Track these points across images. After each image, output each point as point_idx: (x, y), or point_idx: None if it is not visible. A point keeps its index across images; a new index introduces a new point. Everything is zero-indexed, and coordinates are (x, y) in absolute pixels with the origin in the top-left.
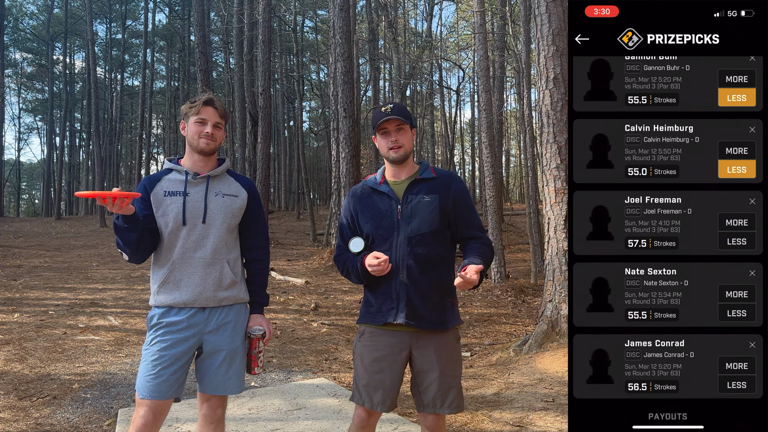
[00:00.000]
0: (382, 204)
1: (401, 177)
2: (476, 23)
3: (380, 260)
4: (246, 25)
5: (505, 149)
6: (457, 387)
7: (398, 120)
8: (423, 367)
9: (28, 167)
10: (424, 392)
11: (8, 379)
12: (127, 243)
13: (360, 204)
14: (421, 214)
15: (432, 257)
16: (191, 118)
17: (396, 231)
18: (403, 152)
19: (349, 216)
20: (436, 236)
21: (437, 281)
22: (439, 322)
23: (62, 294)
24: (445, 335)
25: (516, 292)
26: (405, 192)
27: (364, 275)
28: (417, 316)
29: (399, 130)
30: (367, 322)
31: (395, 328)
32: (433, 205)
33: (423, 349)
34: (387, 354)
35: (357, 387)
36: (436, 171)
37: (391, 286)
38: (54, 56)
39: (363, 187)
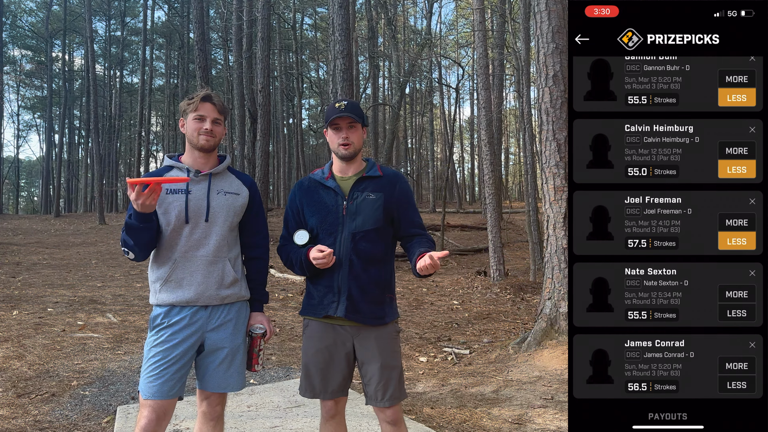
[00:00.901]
0: (328, 199)
1: (348, 173)
2: (476, 21)
3: (325, 253)
4: (245, 22)
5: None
6: (396, 379)
7: (350, 118)
8: (364, 359)
9: (27, 164)
10: (367, 385)
11: (7, 376)
12: (138, 243)
13: (306, 197)
14: (366, 212)
15: (374, 254)
16: (190, 114)
17: (340, 226)
18: (352, 149)
19: (295, 208)
20: (379, 233)
21: (378, 277)
22: (378, 317)
23: (61, 291)
24: (385, 328)
25: (515, 290)
26: (351, 189)
27: (307, 267)
28: (356, 310)
29: (350, 128)
30: (308, 314)
31: (336, 321)
32: (378, 203)
33: (364, 341)
34: (330, 344)
35: (302, 377)
36: (383, 169)
37: (333, 280)
38: (53, 53)
39: (310, 181)
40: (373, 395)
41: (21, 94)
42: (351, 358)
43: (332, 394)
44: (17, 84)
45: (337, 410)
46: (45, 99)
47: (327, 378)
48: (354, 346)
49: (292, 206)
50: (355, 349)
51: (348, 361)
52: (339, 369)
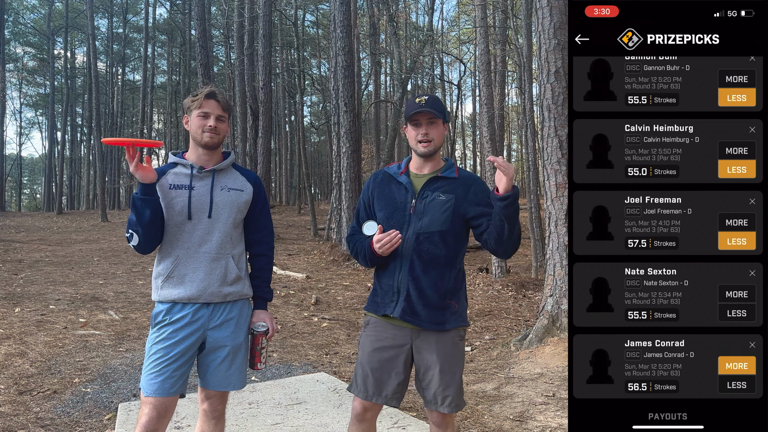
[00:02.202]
0: (399, 195)
1: (424, 171)
2: (477, 17)
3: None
4: (246, 19)
5: (507, 144)
6: (456, 385)
7: (431, 113)
8: (423, 363)
9: (29, 162)
10: (426, 389)
11: (9, 373)
12: (141, 221)
13: (378, 189)
14: (434, 212)
15: (437, 256)
16: (194, 111)
17: (406, 224)
18: (432, 147)
19: (367, 199)
20: (444, 236)
21: (438, 281)
22: (437, 323)
23: (63, 288)
24: (446, 334)
25: (517, 287)
26: (423, 187)
27: (371, 258)
28: (413, 313)
29: (431, 124)
30: (370, 310)
31: (396, 322)
32: (448, 204)
33: (423, 344)
34: (388, 345)
35: (355, 376)
36: (460, 172)
37: (394, 279)
38: (55, 51)
39: (384, 174)
40: (432, 399)
41: (23, 91)
42: (409, 362)
43: (385, 399)
44: (19, 81)
45: (373, 414)
46: (47, 96)
47: (382, 380)
48: (412, 349)
49: (365, 197)
50: (413, 351)
51: (405, 365)
52: (395, 372)
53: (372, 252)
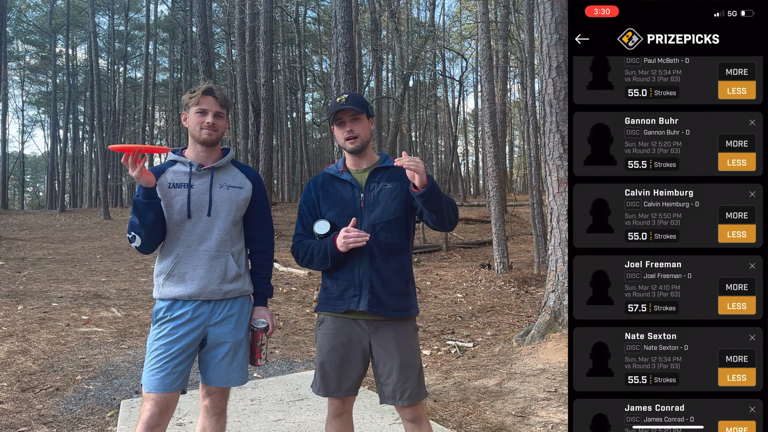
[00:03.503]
0: (345, 192)
1: (362, 166)
2: (479, 12)
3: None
4: (248, 15)
5: (509, 140)
6: (415, 377)
7: (352, 110)
8: (382, 358)
9: (32, 160)
10: (385, 384)
11: (11, 370)
12: (144, 224)
13: (322, 191)
14: (385, 202)
15: (395, 244)
16: (192, 108)
17: (359, 218)
18: (359, 143)
19: (311, 202)
20: (399, 223)
21: (400, 268)
22: (402, 309)
23: (66, 286)
24: (405, 324)
25: (519, 283)
26: (367, 180)
27: (332, 256)
28: (380, 304)
29: (354, 120)
30: (326, 309)
31: (356, 316)
32: (396, 191)
33: (382, 339)
34: (345, 342)
35: (316, 375)
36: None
37: (354, 273)
38: (56, 48)
39: (324, 176)
40: (390, 395)
41: (25, 89)
42: (367, 356)
43: (345, 392)
44: (22, 79)
45: (345, 408)
46: (49, 94)
47: (342, 376)
48: (371, 344)
49: (308, 201)
50: (372, 347)
51: (364, 359)
52: (354, 367)
53: (334, 249)
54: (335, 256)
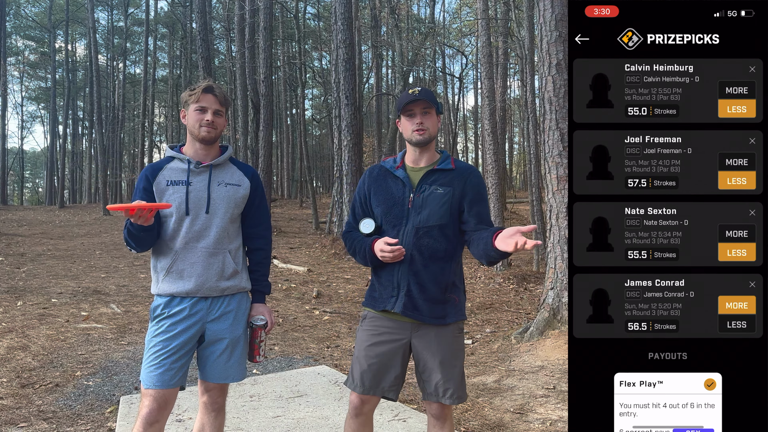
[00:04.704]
0: (396, 189)
1: (420, 164)
2: (479, 9)
3: (394, 247)
4: (247, 11)
5: (508, 137)
6: (458, 378)
7: (425, 102)
8: (422, 357)
9: (31, 156)
10: (426, 381)
11: (11, 366)
12: (140, 243)
13: (375, 184)
14: (432, 206)
15: (437, 250)
16: (191, 106)
17: (405, 219)
18: (427, 135)
19: (363, 195)
20: (444, 230)
21: (439, 275)
22: (438, 317)
23: (65, 282)
24: (446, 328)
25: (518, 280)
26: (420, 181)
27: (371, 259)
28: (415, 308)
29: (425, 113)
30: (369, 306)
31: (395, 316)
32: (446, 198)
33: (423, 338)
34: (385, 340)
35: (351, 370)
36: (456, 163)
37: (394, 275)
38: (56, 44)
39: (380, 168)
40: (433, 392)
41: (25, 84)
42: (406, 355)
43: (382, 391)
44: (21, 75)
45: (370, 407)
46: (48, 90)
47: (380, 374)
48: (411, 344)
49: (360, 193)
50: (413, 345)
51: (403, 359)
52: (393, 366)
53: (372, 254)
54: (374, 260)
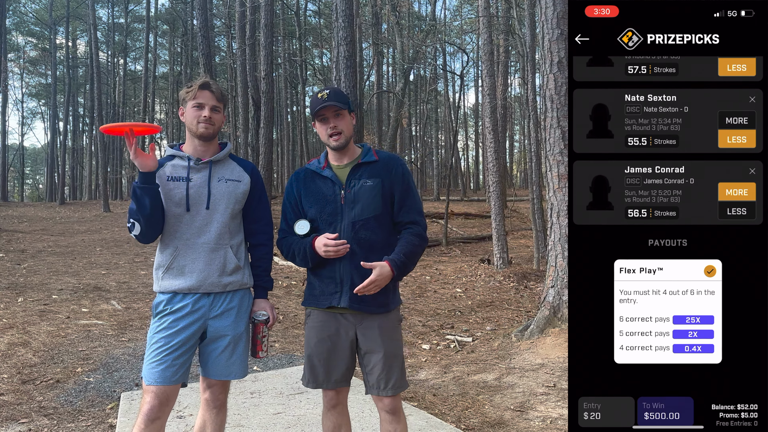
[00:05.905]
0: (326, 189)
1: (344, 161)
2: (480, 7)
3: (339, 242)
4: (248, 8)
5: (509, 135)
6: (399, 367)
7: (335, 106)
8: (368, 348)
9: (31, 152)
10: (369, 374)
11: (12, 362)
12: (142, 210)
13: (304, 187)
14: (364, 199)
15: (376, 242)
16: (189, 103)
17: (340, 216)
18: (343, 139)
19: (293, 199)
20: (379, 220)
21: None
22: (382, 305)
23: (66, 278)
24: (388, 316)
25: (518, 278)
26: (348, 176)
27: (311, 257)
28: (360, 300)
29: (337, 116)
30: (311, 304)
31: (340, 311)
32: (376, 189)
33: (367, 330)
34: (333, 334)
35: (305, 368)
36: (378, 153)
37: (335, 271)
38: (57, 40)
39: (306, 171)
40: (375, 384)
41: (25, 81)
42: (354, 347)
43: (335, 383)
44: (22, 71)
45: (339, 400)
46: (49, 86)
47: (330, 368)
48: (357, 335)
49: (290, 197)
50: (357, 337)
51: (351, 350)
52: (342, 358)
53: (313, 253)
54: (315, 258)
